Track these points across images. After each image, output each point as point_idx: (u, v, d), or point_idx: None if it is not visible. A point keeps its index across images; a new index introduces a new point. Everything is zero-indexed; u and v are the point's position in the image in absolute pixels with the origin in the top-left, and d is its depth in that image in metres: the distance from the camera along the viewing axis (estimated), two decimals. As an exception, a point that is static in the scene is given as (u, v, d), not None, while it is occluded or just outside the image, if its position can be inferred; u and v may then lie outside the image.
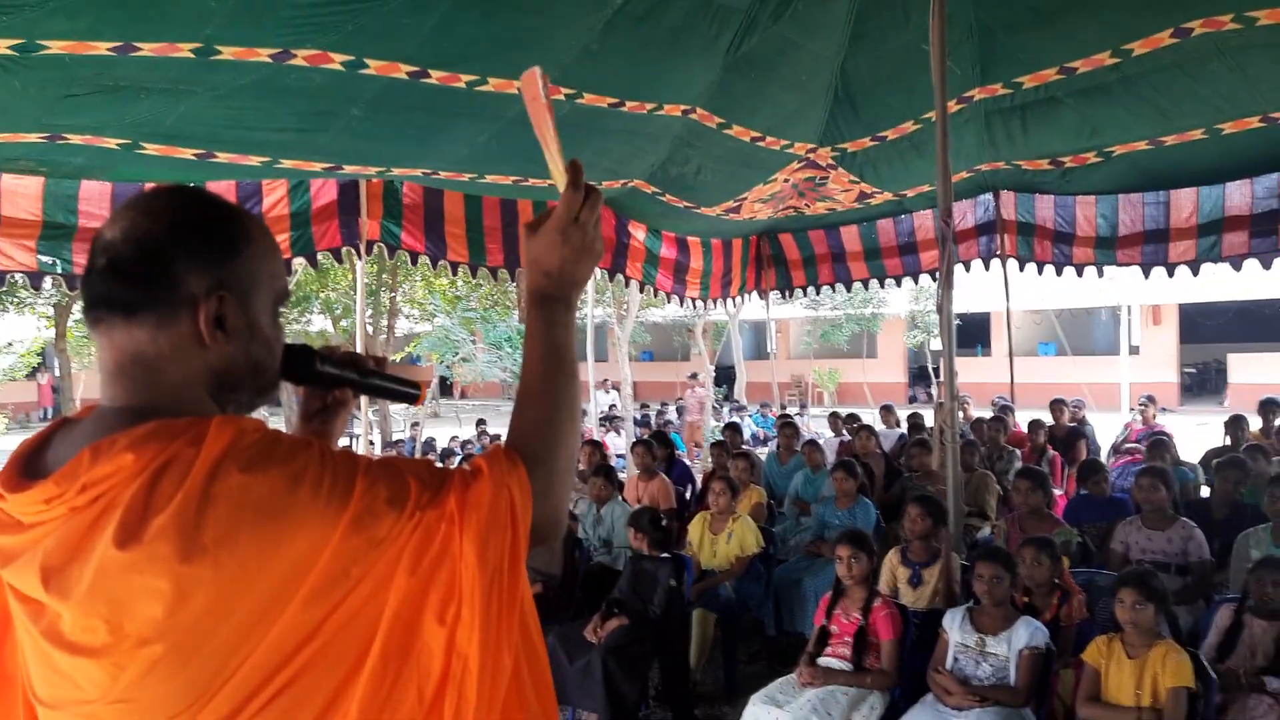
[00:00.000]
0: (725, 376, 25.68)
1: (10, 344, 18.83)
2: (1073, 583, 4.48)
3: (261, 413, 11.70)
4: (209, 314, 1.16)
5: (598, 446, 7.88)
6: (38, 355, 20.64)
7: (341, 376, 1.44)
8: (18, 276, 5.46)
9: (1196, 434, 8.00)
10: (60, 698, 1.10)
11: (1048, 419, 9.16)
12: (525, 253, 1.35)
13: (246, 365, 1.23)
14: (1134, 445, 8.96)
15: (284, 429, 1.35)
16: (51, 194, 5.40)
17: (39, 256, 5.42)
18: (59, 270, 5.49)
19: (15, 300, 14.77)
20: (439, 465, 1.22)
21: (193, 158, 4.96)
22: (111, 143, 4.59)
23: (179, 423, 1.11)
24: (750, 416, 18.65)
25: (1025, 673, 3.87)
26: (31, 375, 24.65)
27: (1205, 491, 6.88)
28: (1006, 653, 3.94)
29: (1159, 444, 7.11)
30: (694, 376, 18.04)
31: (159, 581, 1.02)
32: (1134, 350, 24.90)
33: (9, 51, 3.39)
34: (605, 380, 21.15)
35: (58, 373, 16.64)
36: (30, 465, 1.15)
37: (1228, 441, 7.77)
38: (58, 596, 1.05)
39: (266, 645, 1.07)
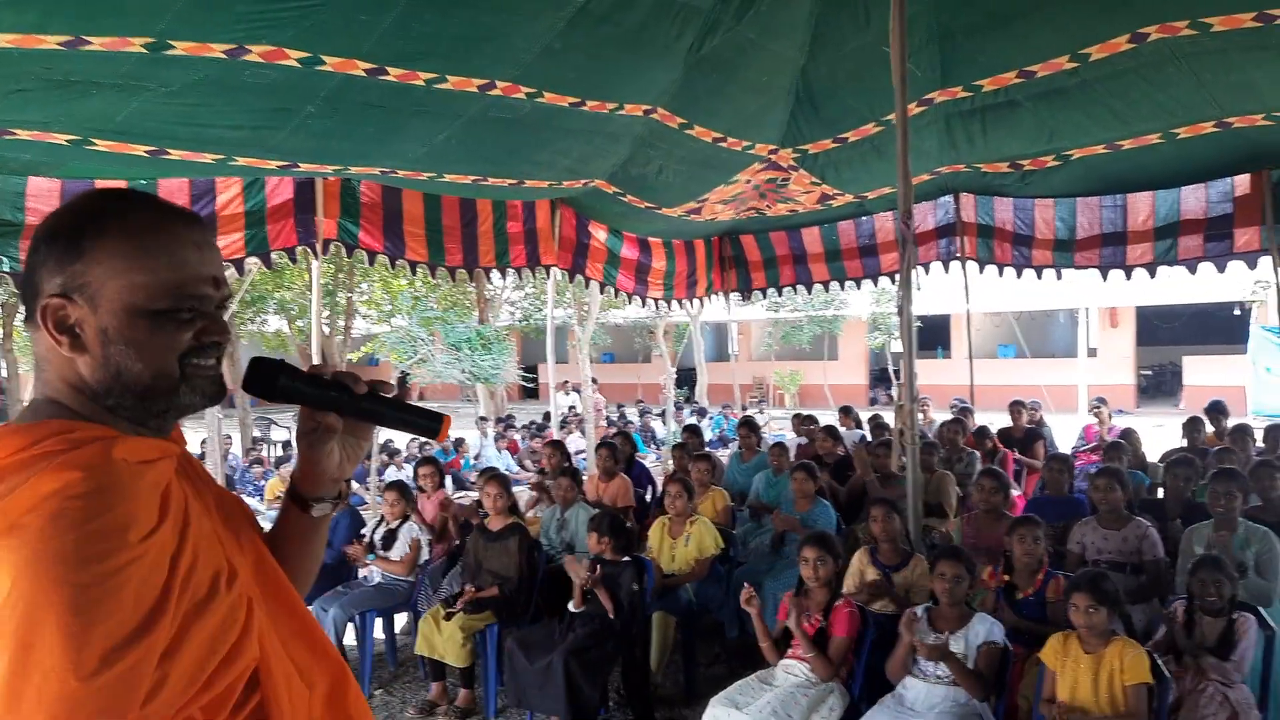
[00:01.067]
0: (686, 378, 25.71)
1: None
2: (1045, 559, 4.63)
3: (215, 414, 11.55)
4: (47, 320, 1.19)
5: (559, 447, 7.82)
6: (-15, 356, 20.14)
7: (311, 395, 1.36)
8: (-38, 275, 5.34)
9: (1153, 436, 8.09)
10: None
11: (1005, 421, 9.23)
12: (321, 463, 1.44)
13: (107, 372, 1.20)
14: (1091, 445, 9.06)
15: (237, 431, 1.35)
16: (-2, 190, 5.28)
17: (-16, 255, 5.30)
18: (6, 269, 5.37)
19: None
20: None
21: (144, 154, 4.85)
22: (61, 138, 4.49)
23: (47, 427, 1.14)
24: (712, 418, 18.67)
25: (984, 667, 3.91)
26: (-21, 377, 24.14)
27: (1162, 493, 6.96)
28: (964, 650, 3.96)
29: (1116, 446, 7.19)
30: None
31: None
32: (1092, 352, 25.19)
33: (-47, 44, 3.30)
34: (566, 382, 21.09)
35: (4, 373, 16.25)
36: None
37: (1185, 443, 7.87)
38: None
39: None
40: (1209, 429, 8.09)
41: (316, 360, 7.52)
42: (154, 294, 1.20)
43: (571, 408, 19.18)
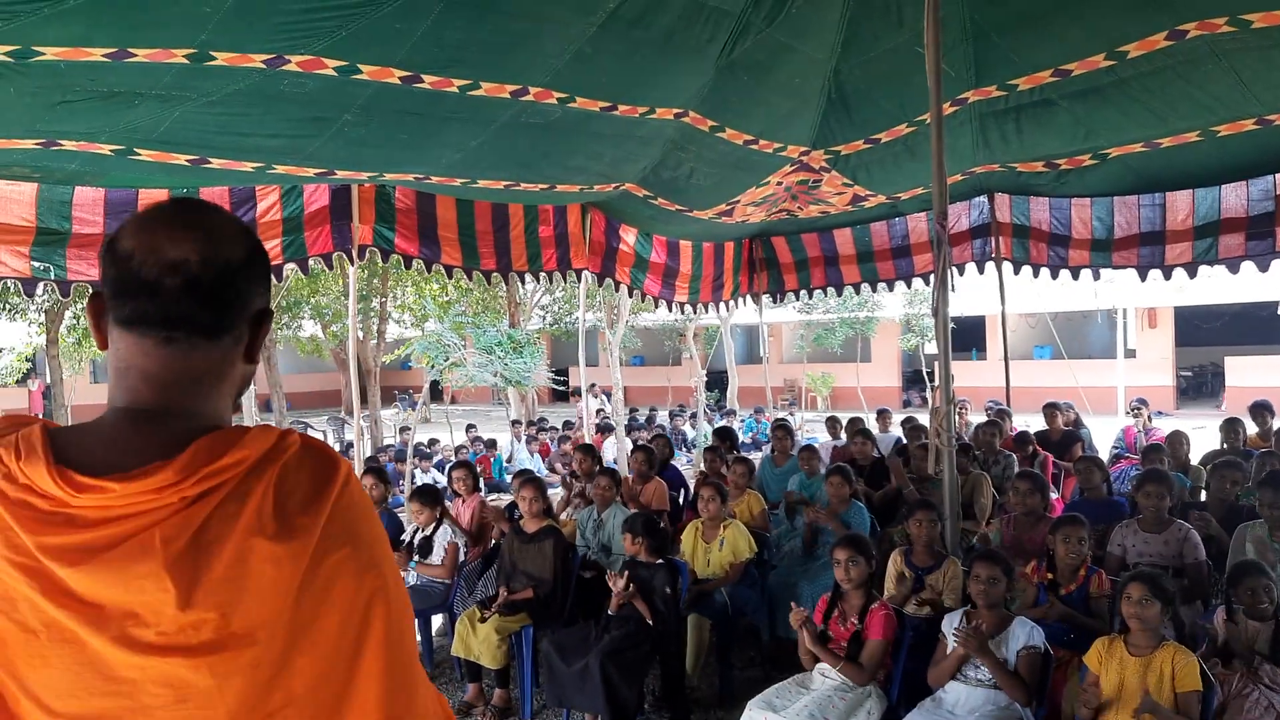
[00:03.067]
0: (717, 381, 25.65)
1: (1, 350, 18.74)
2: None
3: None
4: (265, 333, 1.27)
5: (590, 451, 7.82)
6: (28, 361, 20.53)
7: None
8: (10, 282, 5.43)
9: (1194, 437, 7.99)
10: (110, 711, 1.07)
11: (1042, 423, 9.14)
12: None
13: (252, 375, 1.33)
14: (1130, 453, 8.96)
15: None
16: (45, 200, 5.38)
17: (32, 262, 5.39)
18: (52, 276, 5.46)
19: (6, 306, 14.69)
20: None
21: (186, 163, 4.93)
22: (105, 148, 4.57)
23: (269, 428, 1.19)
24: (743, 421, 18.63)
25: (1025, 672, 3.87)
26: (22, 381, 24.55)
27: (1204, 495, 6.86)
28: (1004, 654, 3.93)
29: (1155, 449, 7.11)
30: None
31: (293, 578, 1.09)
32: (1130, 353, 24.90)
33: (4, 58, 3.38)
34: (593, 385, 21.09)
35: (49, 379, 16.54)
36: (76, 465, 1.11)
37: (1224, 445, 7.76)
38: (183, 582, 1.05)
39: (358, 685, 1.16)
40: (1251, 429, 7.98)
41: (353, 365, 7.60)
42: None
43: (599, 410, 19.19)
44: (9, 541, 1.08)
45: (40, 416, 1.34)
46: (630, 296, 9.65)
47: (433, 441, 15.26)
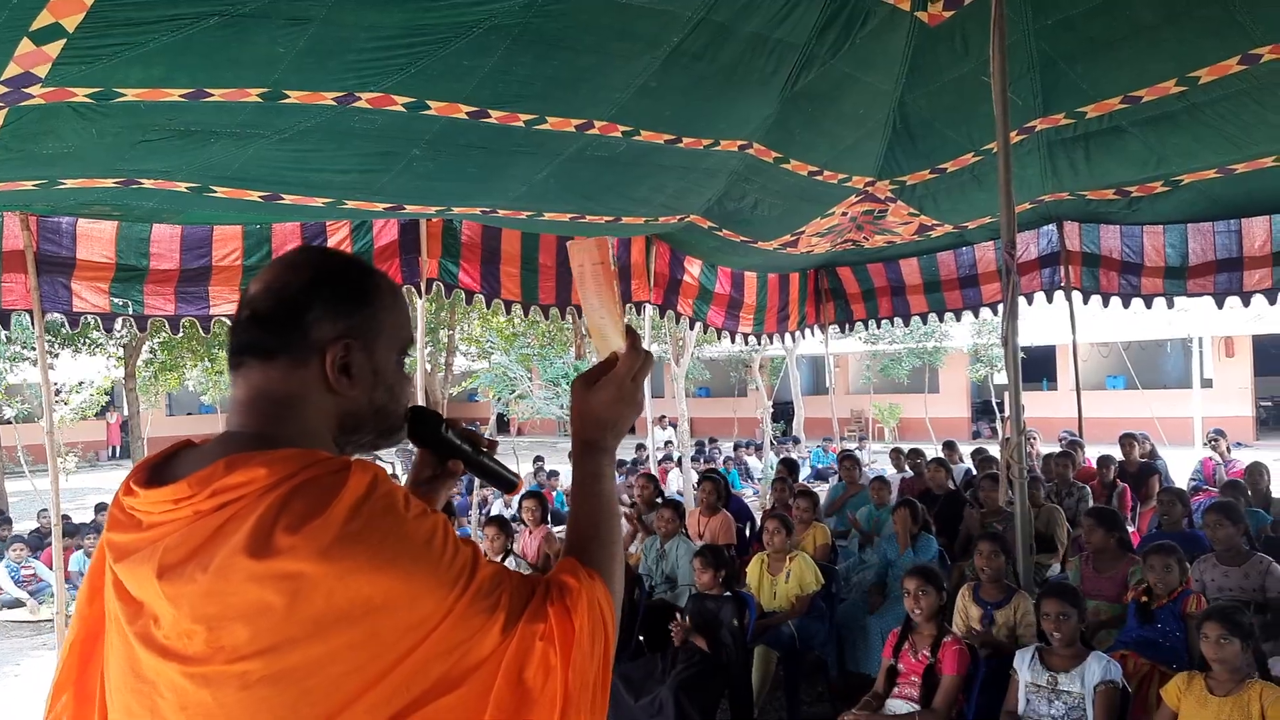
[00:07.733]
0: (783, 412, 25.50)
1: (81, 383, 19.28)
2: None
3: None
4: (334, 360, 1.24)
5: (651, 479, 7.82)
6: (106, 394, 21.06)
7: (459, 448, 1.50)
8: (90, 318, 5.60)
9: (1275, 470, 7.76)
10: (134, 708, 1.12)
11: (1114, 455, 8.94)
12: (581, 405, 1.42)
13: (369, 409, 1.30)
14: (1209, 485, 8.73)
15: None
16: (124, 237, 5.55)
17: (111, 298, 5.56)
18: (130, 311, 5.63)
19: (86, 341, 15.16)
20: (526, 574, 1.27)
21: (259, 199, 5.05)
22: (182, 186, 4.69)
23: (313, 453, 1.16)
24: (810, 451, 18.48)
25: (1102, 709, 3.77)
26: (100, 414, 25.22)
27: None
28: (1080, 689, 3.84)
29: (1233, 487, 6.91)
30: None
31: (277, 598, 1.05)
32: (1206, 383, 24.26)
33: (87, 99, 3.48)
34: (663, 417, 21.07)
35: (126, 412, 16.98)
36: (156, 473, 1.22)
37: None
38: (170, 593, 1.08)
39: (359, 708, 1.08)
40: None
41: (421, 397, 7.69)
42: (404, 343, 1.34)
43: (668, 442, 19.15)
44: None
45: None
46: (692, 329, 9.66)
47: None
